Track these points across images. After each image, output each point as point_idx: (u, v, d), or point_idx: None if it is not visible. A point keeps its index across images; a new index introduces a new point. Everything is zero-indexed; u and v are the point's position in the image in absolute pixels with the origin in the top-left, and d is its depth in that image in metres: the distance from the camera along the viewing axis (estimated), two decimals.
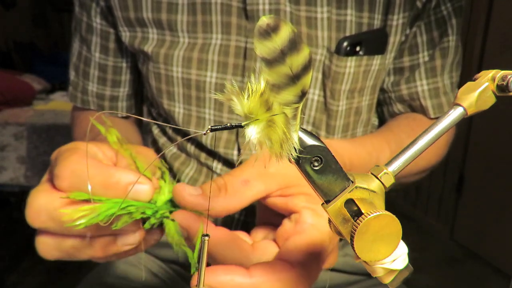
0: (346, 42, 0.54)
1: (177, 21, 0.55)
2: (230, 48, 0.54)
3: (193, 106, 0.57)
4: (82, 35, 0.63)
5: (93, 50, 0.63)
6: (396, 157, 0.26)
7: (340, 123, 0.59)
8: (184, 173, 0.61)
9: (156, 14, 0.55)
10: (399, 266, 0.26)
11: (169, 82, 0.57)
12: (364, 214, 0.24)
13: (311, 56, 0.21)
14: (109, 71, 0.64)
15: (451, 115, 0.26)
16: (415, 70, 0.61)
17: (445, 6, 0.59)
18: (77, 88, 0.66)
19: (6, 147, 1.80)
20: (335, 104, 0.57)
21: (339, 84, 0.55)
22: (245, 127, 0.22)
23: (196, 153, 0.60)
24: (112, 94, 0.65)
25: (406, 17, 0.56)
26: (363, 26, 0.54)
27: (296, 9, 0.53)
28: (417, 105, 0.62)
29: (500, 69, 0.26)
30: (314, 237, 0.35)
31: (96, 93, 0.65)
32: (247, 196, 0.36)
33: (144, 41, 0.57)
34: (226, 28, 0.54)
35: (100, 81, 0.64)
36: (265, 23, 0.20)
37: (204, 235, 0.26)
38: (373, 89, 0.60)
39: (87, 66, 0.64)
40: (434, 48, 0.60)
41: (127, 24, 0.58)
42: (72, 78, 0.67)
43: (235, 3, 0.53)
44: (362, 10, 0.54)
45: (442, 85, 0.61)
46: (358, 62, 0.55)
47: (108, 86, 0.65)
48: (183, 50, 0.55)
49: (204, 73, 0.55)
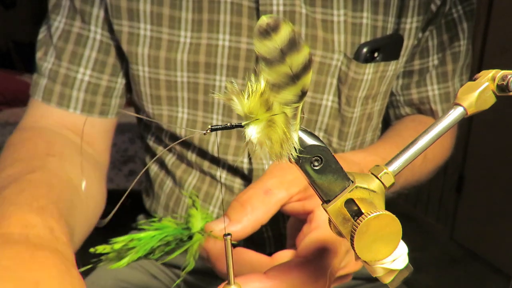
0: (366, 48, 0.52)
1: (180, 18, 0.50)
2: (240, 51, 0.51)
3: (200, 111, 0.54)
4: (75, 6, 0.53)
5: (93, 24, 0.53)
6: (396, 157, 0.26)
7: (353, 130, 0.58)
8: (187, 182, 0.59)
9: (157, 8, 0.50)
10: (399, 266, 0.26)
11: (172, 87, 0.53)
12: (364, 214, 0.24)
13: (311, 55, 0.21)
14: (112, 53, 0.56)
15: (451, 115, 0.26)
16: (425, 74, 0.60)
17: (455, 9, 0.58)
18: (55, 78, 0.54)
19: None
20: (350, 111, 0.56)
21: (356, 90, 0.54)
22: (245, 127, 0.22)
23: (198, 161, 0.58)
24: (109, 85, 0.56)
25: (420, 21, 0.55)
26: (377, 29, 0.53)
27: (312, 11, 0.51)
28: (427, 108, 0.61)
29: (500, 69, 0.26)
30: (328, 232, 0.35)
31: (87, 83, 0.54)
32: (272, 204, 0.38)
33: (134, 38, 0.51)
34: (236, 29, 0.51)
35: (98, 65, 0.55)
36: (265, 22, 0.20)
37: (226, 235, 0.26)
38: (385, 95, 0.59)
39: (79, 47, 0.54)
40: (444, 51, 0.59)
41: (114, 14, 0.51)
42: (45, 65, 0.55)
43: (246, 3, 0.50)
44: (377, 13, 0.52)
45: (452, 89, 0.61)
46: (375, 68, 0.53)
47: (107, 73, 0.55)
48: (187, 53, 0.51)
49: (213, 77, 0.52)
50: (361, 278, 0.63)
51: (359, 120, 0.58)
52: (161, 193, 0.63)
